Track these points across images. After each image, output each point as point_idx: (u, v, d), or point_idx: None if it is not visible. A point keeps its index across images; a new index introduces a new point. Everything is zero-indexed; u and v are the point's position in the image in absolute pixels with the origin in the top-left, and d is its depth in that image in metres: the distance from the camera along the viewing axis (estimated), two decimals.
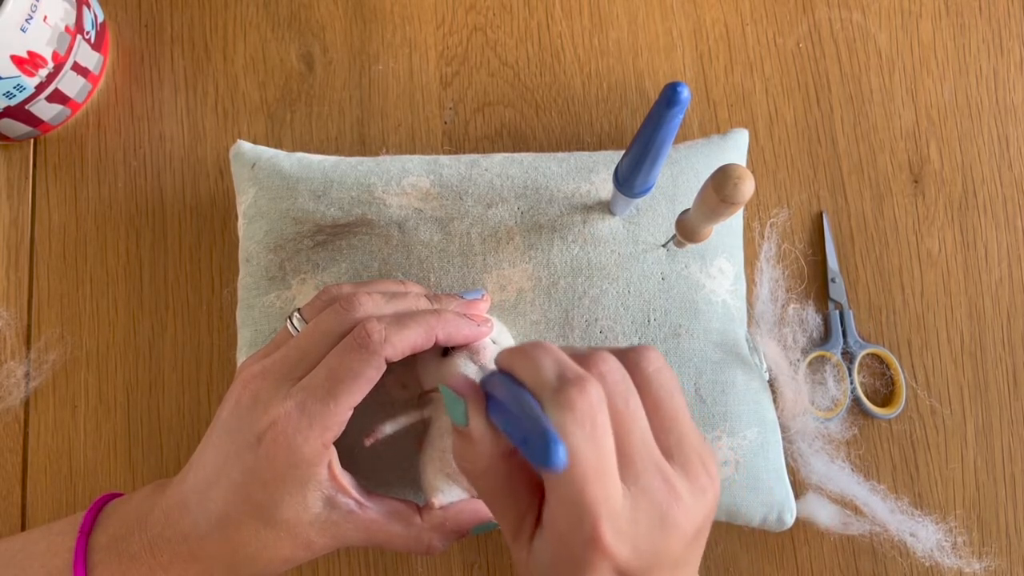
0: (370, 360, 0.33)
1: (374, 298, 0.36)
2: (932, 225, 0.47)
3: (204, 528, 0.33)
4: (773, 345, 0.44)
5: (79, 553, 0.34)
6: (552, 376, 0.28)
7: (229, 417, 0.34)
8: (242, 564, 0.34)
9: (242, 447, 0.33)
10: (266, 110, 0.49)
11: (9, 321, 0.47)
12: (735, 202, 0.30)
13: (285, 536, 0.33)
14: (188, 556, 0.34)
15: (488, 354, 0.37)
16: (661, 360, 0.30)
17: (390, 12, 0.50)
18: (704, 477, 0.29)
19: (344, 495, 0.34)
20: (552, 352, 0.29)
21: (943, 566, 0.43)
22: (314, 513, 0.33)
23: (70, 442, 0.46)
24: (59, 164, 0.49)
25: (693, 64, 0.50)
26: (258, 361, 0.35)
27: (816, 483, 0.44)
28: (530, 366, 0.29)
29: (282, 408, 0.33)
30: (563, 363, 0.28)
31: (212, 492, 0.34)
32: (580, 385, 0.27)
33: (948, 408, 0.45)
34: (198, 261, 0.48)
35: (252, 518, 0.33)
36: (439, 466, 0.36)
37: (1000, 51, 0.49)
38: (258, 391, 0.34)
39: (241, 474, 0.33)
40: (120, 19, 0.51)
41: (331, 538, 0.34)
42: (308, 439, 0.32)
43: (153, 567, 0.34)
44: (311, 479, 0.33)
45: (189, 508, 0.34)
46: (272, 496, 0.33)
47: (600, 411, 0.27)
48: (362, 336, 0.33)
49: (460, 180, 0.42)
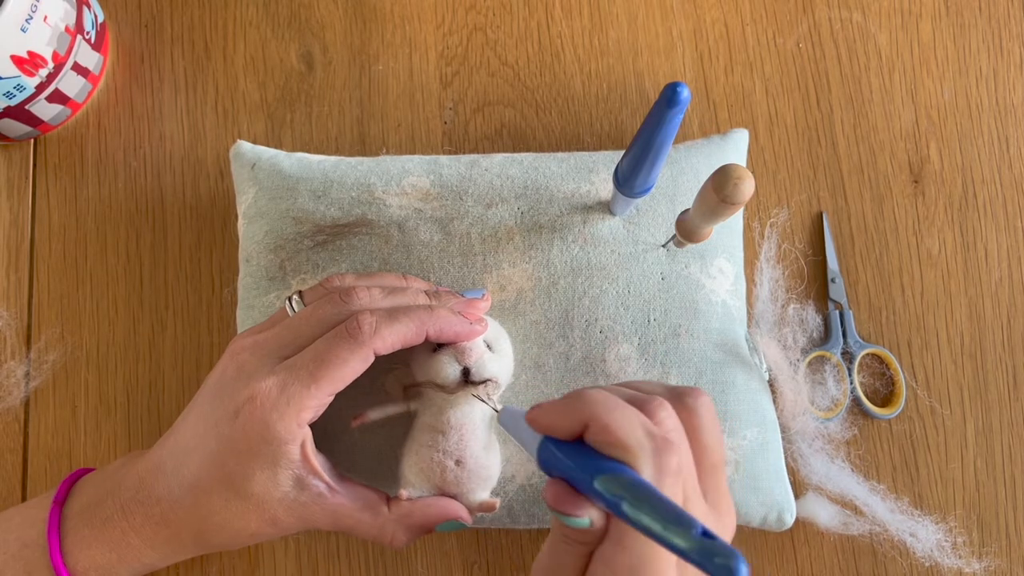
0: (357, 350, 0.33)
1: (372, 292, 0.36)
2: (932, 225, 0.47)
3: (177, 492, 0.34)
4: (773, 345, 0.44)
5: (53, 522, 0.35)
6: (643, 437, 0.28)
7: (214, 385, 0.35)
8: (210, 532, 0.34)
9: (221, 417, 0.34)
10: (266, 110, 0.49)
11: (9, 321, 0.47)
12: (735, 202, 0.30)
13: (253, 510, 0.34)
14: (160, 519, 0.34)
15: (474, 355, 0.36)
16: (712, 407, 0.32)
17: (390, 12, 0.50)
18: (729, 516, 0.31)
19: (315, 477, 0.34)
20: (631, 414, 0.29)
21: (943, 566, 0.43)
22: (283, 491, 0.34)
23: (70, 442, 0.46)
24: (59, 164, 0.49)
25: (693, 64, 0.50)
26: (250, 335, 0.36)
27: (816, 483, 0.44)
28: (619, 430, 0.28)
29: (264, 384, 0.33)
30: (647, 424, 0.29)
31: (188, 458, 0.34)
32: (669, 451, 0.28)
33: (948, 408, 0.45)
34: (198, 261, 0.48)
35: (223, 487, 0.33)
36: (415, 460, 0.36)
37: (1000, 51, 0.49)
38: (244, 363, 0.35)
39: (217, 443, 0.34)
40: (120, 19, 0.51)
41: (298, 519, 0.34)
42: (283, 416, 0.33)
43: (125, 529, 0.35)
44: (282, 457, 0.33)
45: (164, 471, 0.35)
46: (244, 469, 0.33)
47: (686, 482, 0.28)
48: (353, 327, 0.34)
49: (460, 180, 0.42)
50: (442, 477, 0.36)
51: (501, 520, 0.41)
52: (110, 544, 0.35)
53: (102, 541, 0.35)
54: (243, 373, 0.34)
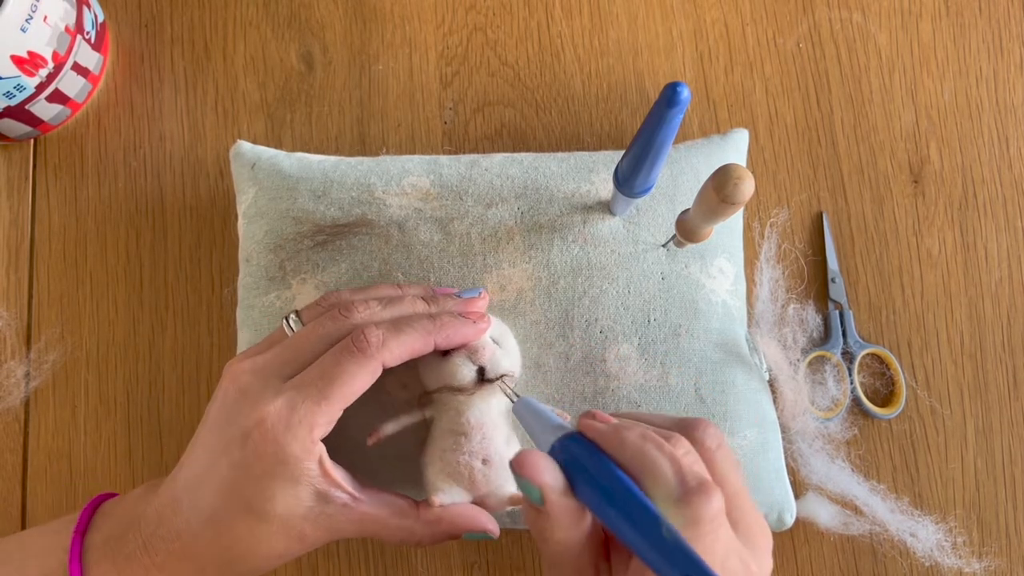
0: (366, 364, 0.33)
1: (371, 305, 0.36)
2: (932, 225, 0.47)
3: (196, 526, 0.33)
4: (773, 345, 0.44)
5: (74, 552, 0.34)
6: (673, 480, 0.28)
7: (218, 413, 0.34)
8: (236, 560, 0.34)
9: (230, 443, 0.33)
10: (266, 110, 0.49)
11: (9, 321, 0.47)
12: (735, 202, 0.30)
13: (278, 531, 0.33)
14: (182, 554, 0.34)
15: (487, 353, 0.37)
16: (721, 435, 0.31)
17: (390, 12, 0.50)
18: (764, 543, 0.31)
19: (337, 489, 0.34)
20: (664, 448, 0.29)
21: (943, 566, 0.43)
22: (307, 507, 0.33)
23: (70, 442, 0.46)
24: (59, 164, 0.49)
25: (693, 64, 0.50)
26: (248, 358, 0.35)
27: (816, 483, 0.44)
28: (643, 463, 0.28)
29: (272, 405, 0.33)
30: (678, 463, 0.28)
31: (202, 490, 0.34)
32: (707, 496, 0.27)
33: (948, 408, 0.45)
34: (198, 261, 0.48)
35: (244, 513, 0.33)
36: (440, 466, 0.36)
37: (1000, 51, 0.49)
38: (247, 386, 0.34)
39: (230, 470, 0.33)
40: (120, 19, 0.51)
41: (325, 531, 0.34)
42: (297, 436, 0.32)
43: (148, 567, 0.34)
44: (301, 475, 0.33)
45: (181, 506, 0.34)
46: (263, 492, 0.33)
47: (722, 522, 0.28)
48: (360, 340, 0.33)
49: (460, 180, 0.42)
50: (471, 478, 0.36)
51: (501, 520, 0.41)
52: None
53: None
54: (248, 397, 0.34)
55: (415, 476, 0.38)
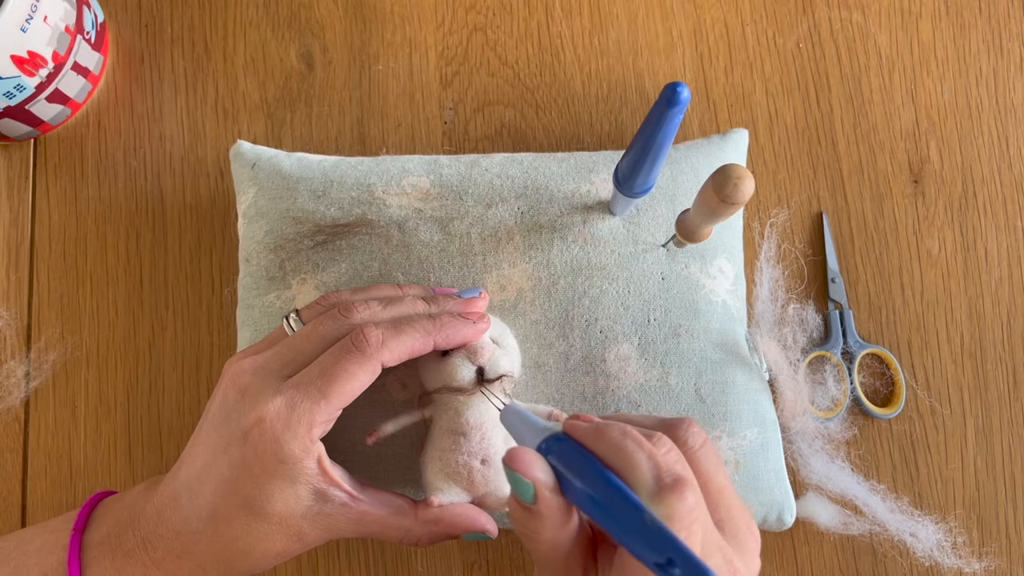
0: (365, 363, 0.33)
1: (371, 305, 0.36)
2: (932, 225, 0.47)
3: (195, 524, 0.34)
4: (773, 345, 0.44)
5: (73, 550, 0.34)
6: (649, 476, 0.28)
7: (217, 412, 0.35)
8: (235, 559, 0.34)
9: (230, 442, 0.33)
10: (266, 110, 0.49)
11: (9, 321, 0.47)
12: (735, 202, 0.30)
13: (277, 529, 0.33)
14: (181, 552, 0.34)
15: (487, 354, 0.37)
16: (705, 434, 0.31)
17: (390, 12, 0.50)
18: (751, 542, 0.31)
19: (335, 488, 0.34)
20: (644, 445, 0.29)
21: (943, 566, 0.43)
22: (305, 506, 0.33)
23: (70, 442, 0.46)
24: (59, 164, 0.49)
25: (693, 64, 0.50)
26: (247, 357, 0.36)
27: (816, 483, 0.44)
28: (623, 459, 0.28)
29: (271, 404, 0.33)
30: (656, 460, 0.28)
31: (202, 487, 0.34)
32: (680, 492, 0.27)
33: (948, 408, 0.45)
34: (198, 261, 0.48)
35: (243, 511, 0.33)
36: (440, 466, 0.36)
37: (1000, 51, 0.49)
38: (247, 386, 0.34)
39: (230, 468, 0.33)
40: (120, 19, 0.51)
41: (324, 530, 0.34)
42: (296, 435, 0.32)
43: (147, 564, 0.34)
44: (300, 473, 0.33)
45: (180, 504, 0.34)
46: (262, 490, 0.33)
47: (697, 517, 0.28)
48: (359, 339, 0.33)
49: (460, 180, 0.42)
50: (470, 478, 0.36)
51: (500, 520, 0.41)
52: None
53: (124, 575, 0.34)
54: (247, 395, 0.34)
55: (414, 476, 0.38)
